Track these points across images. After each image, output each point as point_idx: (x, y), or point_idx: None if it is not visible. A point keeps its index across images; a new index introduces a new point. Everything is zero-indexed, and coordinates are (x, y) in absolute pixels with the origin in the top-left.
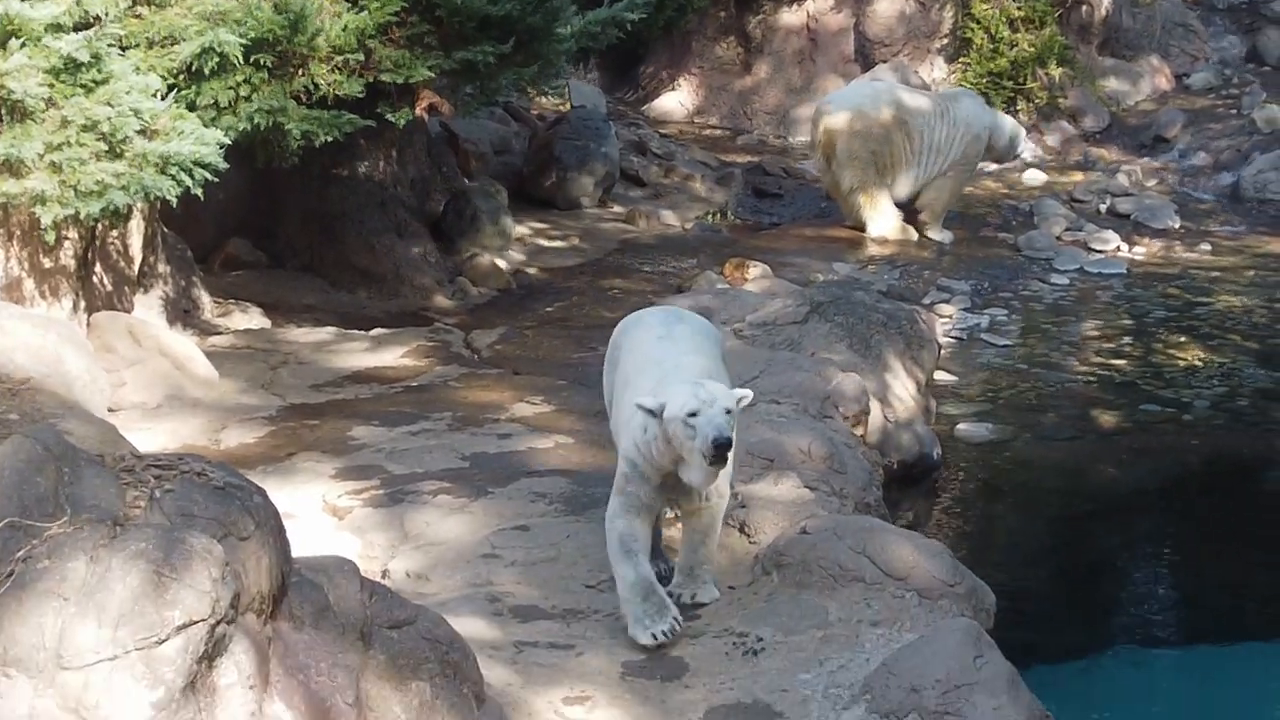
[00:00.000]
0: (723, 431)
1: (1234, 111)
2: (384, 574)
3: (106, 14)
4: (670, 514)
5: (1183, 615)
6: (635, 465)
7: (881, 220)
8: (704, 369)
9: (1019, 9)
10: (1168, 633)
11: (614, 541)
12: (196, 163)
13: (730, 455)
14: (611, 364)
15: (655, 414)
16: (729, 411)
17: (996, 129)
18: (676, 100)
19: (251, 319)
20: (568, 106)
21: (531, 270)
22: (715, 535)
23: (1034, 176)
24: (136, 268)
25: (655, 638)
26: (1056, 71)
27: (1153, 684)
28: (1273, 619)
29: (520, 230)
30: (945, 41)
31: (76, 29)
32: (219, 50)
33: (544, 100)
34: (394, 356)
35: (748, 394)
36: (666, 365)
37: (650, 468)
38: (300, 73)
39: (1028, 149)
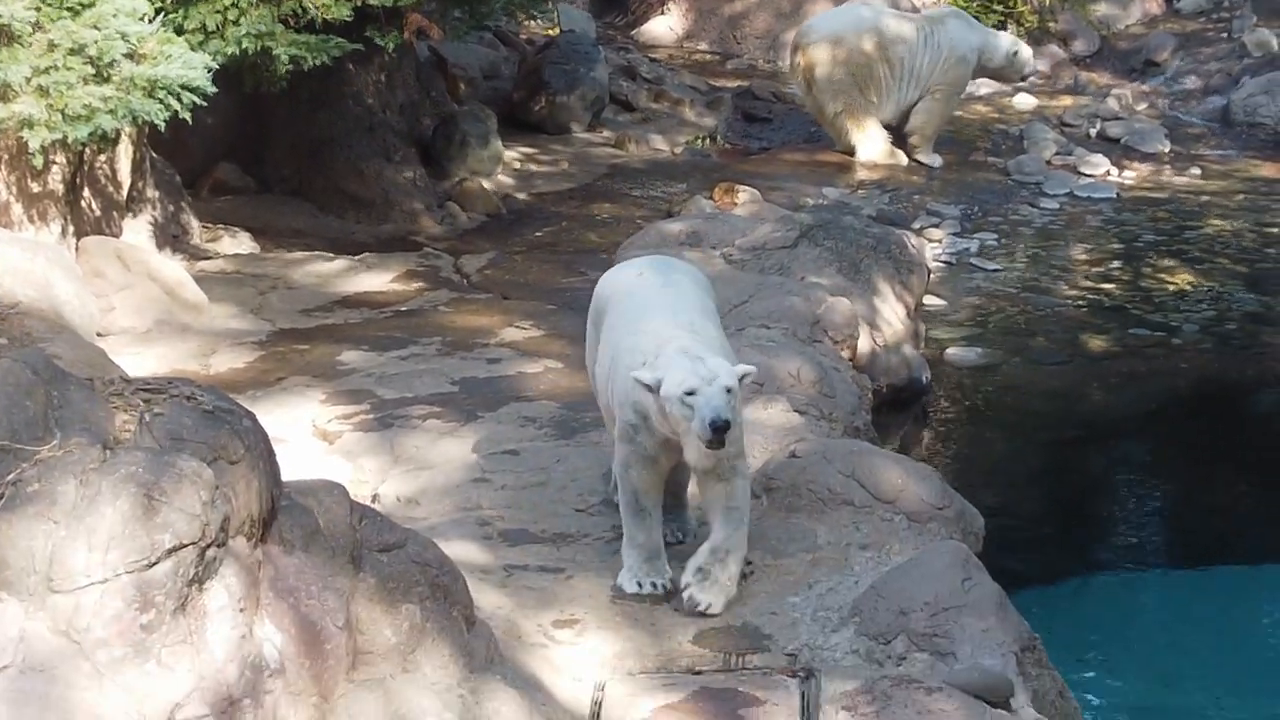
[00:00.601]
0: (720, 413)
1: (1224, 35)
2: (374, 498)
3: None
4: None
5: (1171, 538)
6: (637, 422)
7: (869, 144)
8: (712, 336)
9: None
10: (1156, 555)
11: (628, 494)
12: (184, 87)
13: (735, 435)
14: (600, 316)
15: (652, 389)
16: (729, 390)
17: (987, 48)
18: (665, 25)
19: (240, 244)
20: (556, 31)
21: (521, 195)
22: (745, 524)
23: (1024, 100)
24: (125, 192)
25: (640, 586)
26: None
27: (1141, 606)
28: (1260, 541)
29: (509, 155)
30: None
31: None
32: None
33: (533, 24)
34: (383, 281)
35: (751, 369)
36: (664, 321)
37: (650, 430)
38: None
39: (1033, 65)
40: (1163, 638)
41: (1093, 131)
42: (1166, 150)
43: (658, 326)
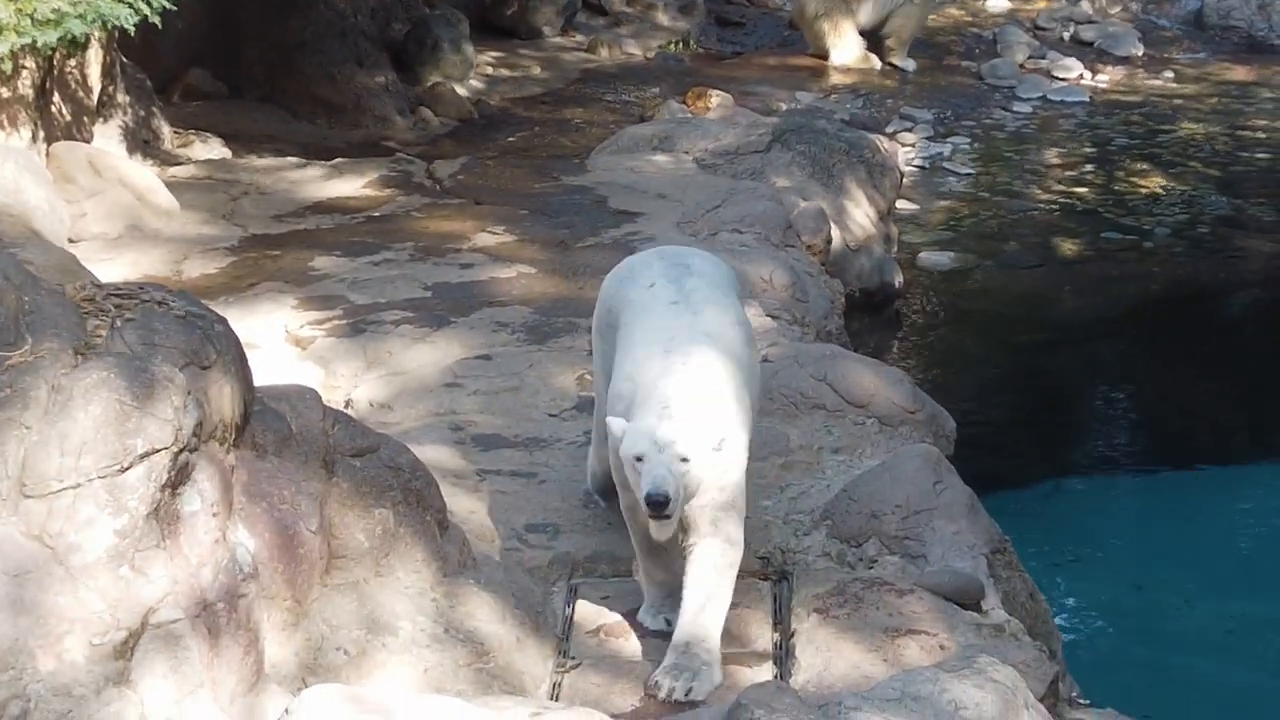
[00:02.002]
0: (658, 486)
1: None
2: (347, 403)
3: None
4: None
5: (1141, 441)
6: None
7: (844, 48)
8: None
9: None
10: (1126, 458)
11: (638, 533)
12: None
13: (725, 485)
14: (608, 329)
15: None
16: (686, 460)
17: None
18: None
19: (212, 149)
20: None
21: (493, 100)
22: (720, 599)
23: (997, 4)
24: (95, 98)
25: (668, 623)
26: None
27: (1111, 508)
28: (1230, 443)
29: (481, 60)
30: None
31: None
32: None
33: None
34: (355, 187)
35: (726, 436)
36: (658, 358)
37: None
38: None
39: None
40: (1133, 539)
41: (1066, 35)
42: (1140, 54)
43: (651, 365)
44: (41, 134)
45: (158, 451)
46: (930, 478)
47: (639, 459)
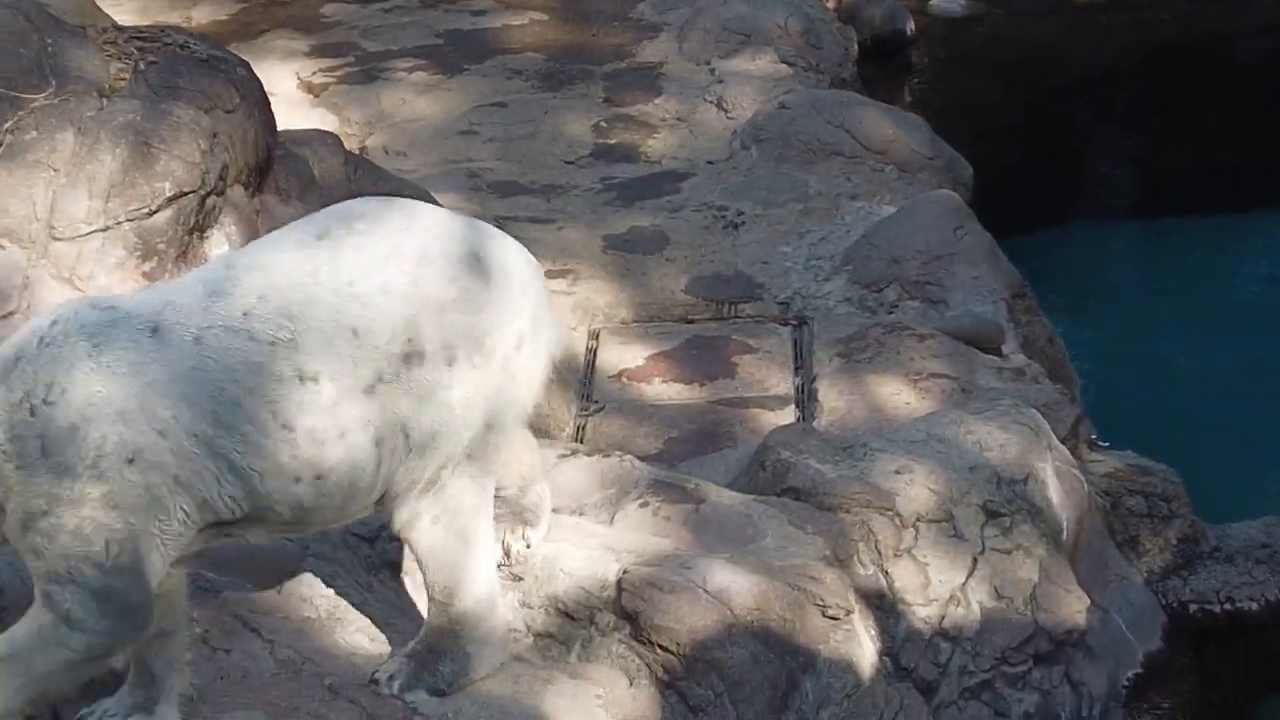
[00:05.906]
0: None
1: None
2: (361, 150)
3: None
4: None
5: (1154, 187)
6: None
7: None
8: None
9: None
10: (1139, 204)
11: None
12: None
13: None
14: None
15: None
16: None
17: None
18: None
19: None
20: None
21: None
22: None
23: None
24: None
25: None
26: None
27: (1124, 253)
28: (1240, 191)
29: None
30: None
31: None
32: None
33: None
34: None
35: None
36: None
37: None
38: None
39: None
40: (1147, 284)
41: None
42: None
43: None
44: None
45: (185, 195)
46: (950, 223)
47: None
